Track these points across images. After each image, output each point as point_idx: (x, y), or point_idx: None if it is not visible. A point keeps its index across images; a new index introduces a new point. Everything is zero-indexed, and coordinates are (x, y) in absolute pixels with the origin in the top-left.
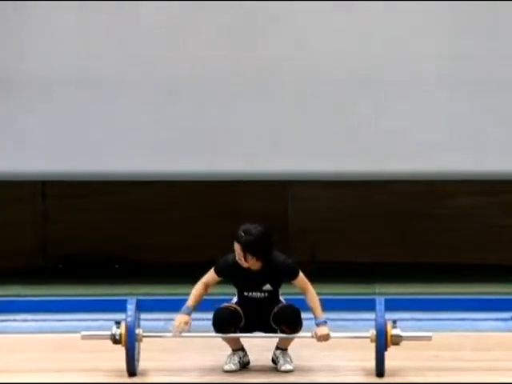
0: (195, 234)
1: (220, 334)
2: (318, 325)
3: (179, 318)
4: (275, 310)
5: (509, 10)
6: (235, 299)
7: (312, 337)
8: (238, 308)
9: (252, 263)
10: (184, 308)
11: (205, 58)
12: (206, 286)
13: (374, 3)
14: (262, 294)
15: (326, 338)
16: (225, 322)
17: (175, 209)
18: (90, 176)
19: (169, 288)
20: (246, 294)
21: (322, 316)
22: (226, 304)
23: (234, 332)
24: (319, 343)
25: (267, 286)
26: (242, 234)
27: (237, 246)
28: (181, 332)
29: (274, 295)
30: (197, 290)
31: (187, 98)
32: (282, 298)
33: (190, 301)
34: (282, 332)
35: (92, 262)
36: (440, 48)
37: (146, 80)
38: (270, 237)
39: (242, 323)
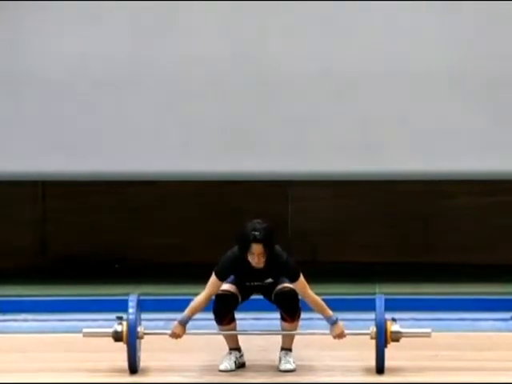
0: (195, 234)
1: (221, 328)
2: (331, 324)
3: (176, 328)
4: (277, 290)
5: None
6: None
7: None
8: (235, 289)
9: (264, 258)
10: (182, 317)
11: (205, 58)
12: (210, 297)
13: (382, 2)
14: (264, 283)
15: (342, 335)
16: (224, 308)
17: (175, 209)
18: (90, 176)
19: (169, 288)
20: (247, 283)
21: (331, 314)
22: (223, 287)
23: (233, 317)
24: (319, 343)
25: (269, 280)
26: (256, 233)
27: (257, 247)
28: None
29: (275, 282)
30: (198, 303)
31: (187, 99)
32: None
33: (189, 311)
34: (282, 318)
35: (92, 262)
36: (440, 48)
37: (145, 80)
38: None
39: (240, 300)
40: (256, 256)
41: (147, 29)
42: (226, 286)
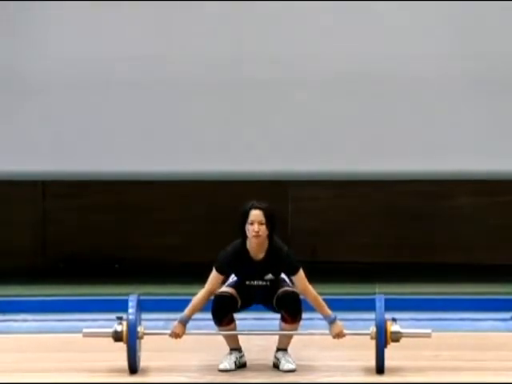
0: (195, 234)
1: (220, 329)
2: (330, 323)
3: (176, 327)
4: (279, 293)
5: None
6: (233, 278)
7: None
8: (234, 292)
9: (263, 230)
10: (183, 317)
11: (206, 59)
12: (211, 294)
13: (382, 2)
14: (264, 283)
15: (341, 334)
16: (222, 310)
17: (175, 209)
18: (90, 176)
19: (169, 288)
20: (247, 282)
21: (330, 313)
22: (223, 289)
23: (232, 318)
24: (319, 343)
25: (269, 276)
26: (256, 204)
27: (256, 213)
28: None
29: (275, 282)
30: (198, 300)
31: (187, 99)
32: (285, 277)
33: (189, 310)
34: (283, 319)
35: (92, 262)
36: (442, 48)
37: (145, 80)
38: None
39: (239, 305)
40: (256, 224)
41: (147, 29)
42: (225, 289)
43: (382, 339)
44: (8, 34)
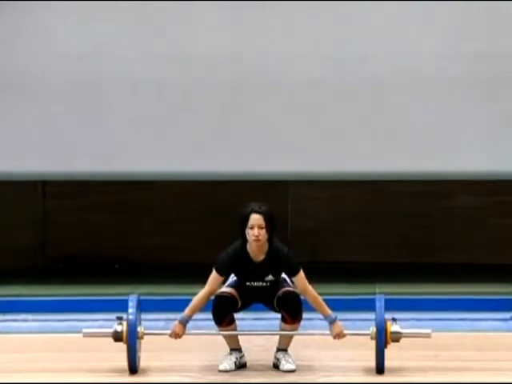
0: (195, 234)
1: (220, 329)
2: (330, 323)
3: (176, 327)
4: (280, 294)
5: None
6: (233, 278)
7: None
8: (234, 292)
9: (263, 235)
10: (183, 317)
11: (205, 59)
12: (211, 294)
13: (386, 2)
14: (264, 284)
15: (341, 335)
16: (222, 310)
17: (175, 209)
18: (90, 176)
19: (169, 288)
20: (248, 283)
21: (330, 313)
22: (223, 289)
23: (233, 318)
24: (319, 343)
25: (269, 277)
26: (256, 208)
27: (256, 217)
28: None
29: (275, 282)
30: (198, 301)
31: (187, 99)
32: (286, 277)
33: (189, 310)
34: (283, 319)
35: (92, 262)
36: (441, 48)
37: (144, 80)
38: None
39: (239, 305)
40: (256, 228)
41: (147, 29)
42: (225, 289)
43: (382, 339)
44: (7, 33)
